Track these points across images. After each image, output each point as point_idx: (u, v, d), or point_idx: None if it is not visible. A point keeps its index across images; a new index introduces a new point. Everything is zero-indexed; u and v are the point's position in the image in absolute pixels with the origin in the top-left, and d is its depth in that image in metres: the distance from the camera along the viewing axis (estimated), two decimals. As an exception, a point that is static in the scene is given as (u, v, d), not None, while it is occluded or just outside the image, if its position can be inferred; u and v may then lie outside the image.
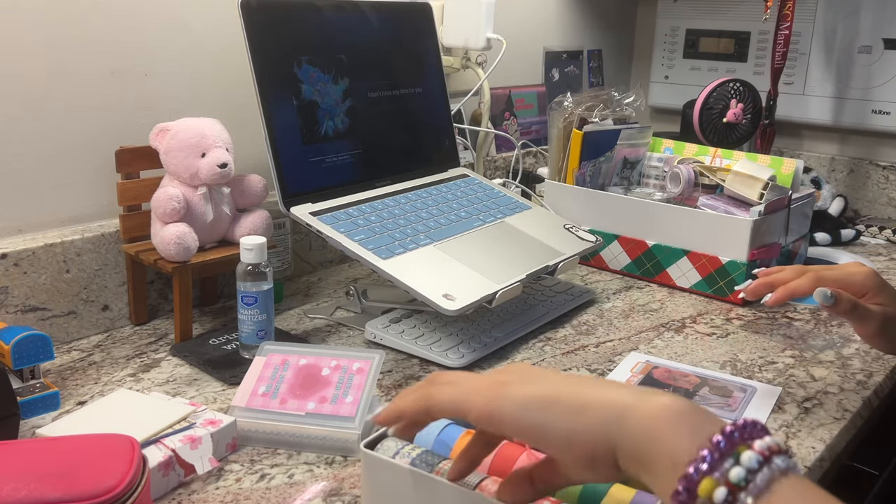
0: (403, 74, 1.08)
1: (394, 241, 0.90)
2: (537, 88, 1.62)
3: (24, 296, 0.86)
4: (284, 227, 1.10)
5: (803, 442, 0.73)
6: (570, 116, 1.19)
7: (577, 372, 0.86)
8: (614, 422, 0.44)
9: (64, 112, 0.89)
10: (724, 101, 1.35)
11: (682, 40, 1.75)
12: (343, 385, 0.71)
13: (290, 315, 1.00)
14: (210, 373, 0.83)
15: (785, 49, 1.38)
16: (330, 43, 0.98)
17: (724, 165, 1.20)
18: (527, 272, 0.92)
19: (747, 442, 0.40)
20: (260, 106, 0.89)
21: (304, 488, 0.65)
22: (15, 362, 0.73)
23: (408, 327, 0.91)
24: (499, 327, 0.93)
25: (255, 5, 0.89)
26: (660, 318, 1.02)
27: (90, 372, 0.83)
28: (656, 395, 0.44)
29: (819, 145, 1.62)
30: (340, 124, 0.98)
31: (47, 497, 0.50)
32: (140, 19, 0.94)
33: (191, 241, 0.87)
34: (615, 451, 0.44)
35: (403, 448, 0.59)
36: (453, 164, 1.15)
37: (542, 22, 1.61)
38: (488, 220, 1.03)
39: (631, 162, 1.27)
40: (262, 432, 0.70)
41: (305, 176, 0.93)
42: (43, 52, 0.86)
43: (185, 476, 0.65)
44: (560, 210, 1.20)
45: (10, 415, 0.67)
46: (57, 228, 0.91)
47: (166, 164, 0.89)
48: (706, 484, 0.39)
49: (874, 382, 0.85)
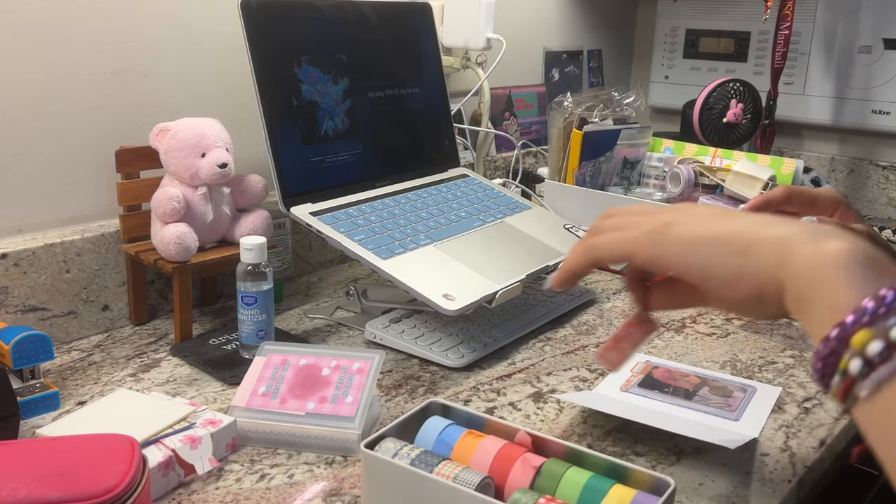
0: (403, 74, 1.08)
1: (394, 241, 0.90)
2: (537, 88, 1.62)
3: (24, 296, 0.86)
4: (284, 227, 1.10)
5: (803, 442, 0.73)
6: (570, 116, 1.19)
7: (577, 372, 0.86)
8: (784, 261, 0.43)
9: (64, 112, 0.89)
10: (724, 101, 1.35)
11: (682, 40, 1.75)
12: (343, 385, 0.71)
13: (290, 315, 1.00)
14: (210, 373, 0.83)
15: (785, 49, 1.38)
16: (330, 43, 0.98)
17: (724, 165, 1.20)
18: (527, 272, 0.92)
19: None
20: (260, 106, 0.89)
21: (304, 488, 0.65)
22: (15, 362, 0.73)
23: (408, 327, 0.91)
24: (499, 327, 0.93)
25: (255, 5, 0.89)
26: (659, 318, 1.01)
27: (90, 372, 0.83)
28: (831, 237, 0.42)
29: (819, 145, 1.62)
30: (340, 124, 0.98)
31: (47, 497, 0.50)
32: (140, 19, 0.94)
33: (191, 241, 0.87)
34: (783, 291, 0.43)
35: (403, 448, 0.59)
36: (453, 164, 1.15)
37: (542, 22, 1.61)
38: (488, 220, 1.03)
39: (631, 162, 1.27)
40: (262, 432, 0.70)
41: (305, 176, 0.93)
42: (43, 52, 0.86)
43: (185, 476, 0.65)
44: (560, 210, 1.20)
45: (10, 415, 0.67)
46: (57, 228, 0.91)
47: (166, 164, 0.89)
48: (861, 335, 0.36)
49: (874, 382, 0.85)
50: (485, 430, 0.63)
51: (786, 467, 0.69)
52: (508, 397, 0.80)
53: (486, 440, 0.60)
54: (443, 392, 0.81)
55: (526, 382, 0.83)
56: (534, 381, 0.84)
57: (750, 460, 0.70)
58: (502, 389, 0.82)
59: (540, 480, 0.57)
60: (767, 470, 0.69)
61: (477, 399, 0.80)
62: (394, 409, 0.77)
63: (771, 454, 0.71)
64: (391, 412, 0.77)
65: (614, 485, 0.56)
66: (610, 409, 0.72)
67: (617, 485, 0.56)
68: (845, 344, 0.37)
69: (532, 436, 0.61)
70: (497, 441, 0.60)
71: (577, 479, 0.56)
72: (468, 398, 0.80)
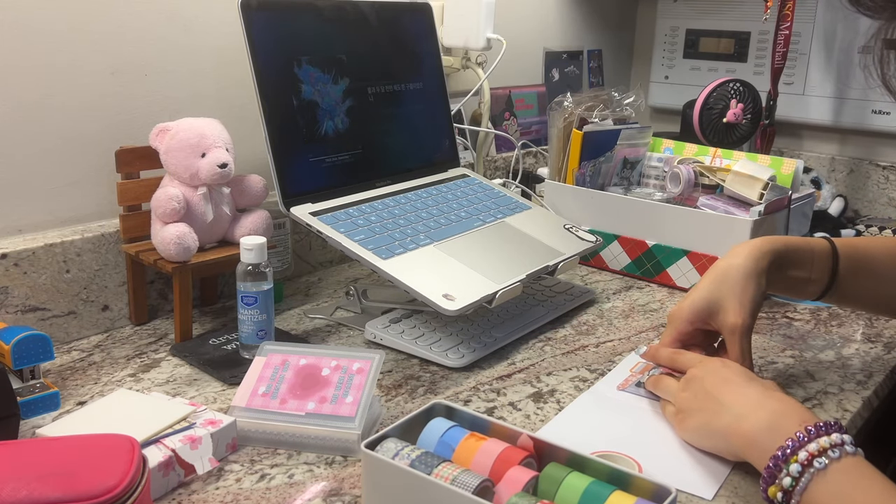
0: (403, 74, 1.08)
1: (394, 241, 0.90)
2: (537, 88, 1.62)
3: (24, 296, 0.86)
4: (284, 227, 1.10)
5: (803, 442, 0.72)
6: (570, 116, 1.19)
7: (577, 372, 0.86)
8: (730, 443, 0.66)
9: (64, 112, 0.89)
10: (724, 101, 1.35)
11: (682, 40, 1.75)
12: (343, 385, 0.71)
13: (290, 315, 1.00)
14: (210, 373, 0.83)
15: (785, 49, 1.38)
16: (330, 43, 0.98)
17: (724, 165, 1.20)
18: (527, 272, 0.92)
19: (796, 453, 0.57)
20: (260, 106, 0.89)
21: (304, 488, 0.65)
22: (15, 362, 0.73)
23: (408, 327, 0.91)
24: (499, 327, 0.93)
25: (255, 5, 0.89)
26: (660, 319, 1.02)
27: (90, 372, 0.83)
28: (735, 416, 0.65)
29: (819, 145, 1.62)
30: (340, 124, 0.98)
31: (47, 497, 0.50)
32: (140, 19, 0.94)
33: (191, 241, 0.87)
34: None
35: (404, 449, 0.59)
36: (453, 164, 1.15)
37: (542, 22, 1.61)
38: (488, 220, 1.02)
39: (631, 162, 1.27)
40: (262, 432, 0.70)
41: (305, 176, 0.93)
42: (43, 52, 0.86)
43: (185, 476, 0.65)
44: (560, 210, 1.20)
45: (10, 415, 0.67)
46: (57, 228, 0.91)
47: (166, 164, 0.89)
48: (771, 491, 0.59)
49: (874, 382, 0.85)
50: (488, 433, 0.63)
51: (786, 467, 0.69)
52: (508, 397, 0.80)
53: (487, 443, 0.60)
54: (443, 392, 0.81)
55: (526, 382, 0.83)
56: (534, 381, 0.84)
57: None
58: (502, 389, 0.82)
59: (540, 485, 0.57)
60: (767, 470, 0.69)
61: (477, 399, 0.80)
62: (394, 409, 0.77)
63: (771, 454, 0.71)
64: (391, 412, 0.77)
65: (615, 491, 0.55)
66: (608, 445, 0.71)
67: (617, 491, 0.56)
68: (770, 500, 0.60)
69: (534, 440, 0.61)
70: (499, 444, 0.60)
71: (577, 485, 0.56)
72: (468, 398, 0.80)
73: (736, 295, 0.73)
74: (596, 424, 0.75)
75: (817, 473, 0.56)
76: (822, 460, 0.56)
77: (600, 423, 0.75)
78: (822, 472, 0.56)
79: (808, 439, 0.57)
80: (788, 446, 0.58)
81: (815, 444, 0.57)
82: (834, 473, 0.56)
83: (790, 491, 0.57)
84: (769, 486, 0.59)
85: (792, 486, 0.57)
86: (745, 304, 0.73)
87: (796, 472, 0.57)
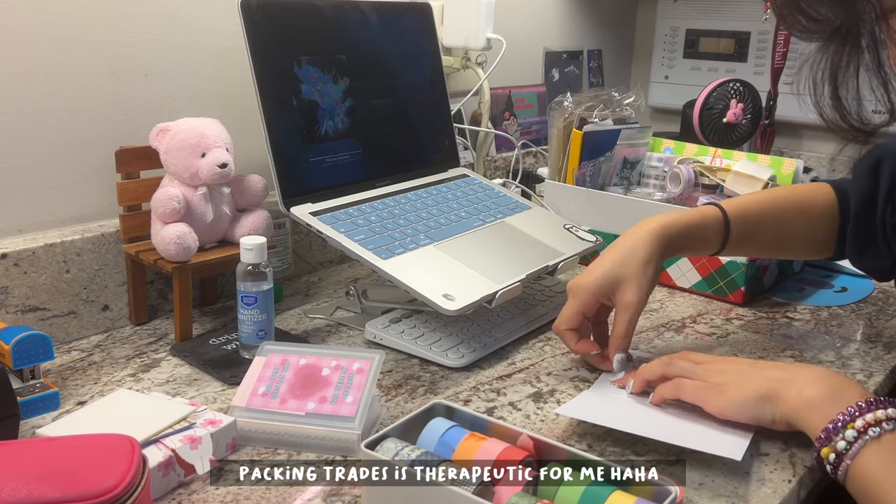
0: (403, 74, 1.08)
1: (394, 241, 0.90)
2: (537, 88, 1.62)
3: (24, 296, 0.86)
4: (284, 227, 1.10)
5: (803, 442, 0.72)
6: (570, 116, 1.19)
7: (577, 372, 0.86)
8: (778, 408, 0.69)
9: (64, 112, 0.89)
10: (724, 101, 1.35)
11: (682, 40, 1.75)
12: (343, 385, 0.71)
13: (290, 315, 1.00)
14: (210, 373, 0.83)
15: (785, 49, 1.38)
16: (330, 43, 0.98)
17: (724, 165, 1.20)
18: (527, 272, 0.92)
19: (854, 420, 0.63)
20: (260, 106, 0.89)
21: (304, 488, 0.65)
22: (15, 362, 0.73)
23: (408, 327, 0.91)
24: (499, 327, 0.93)
25: (255, 5, 0.89)
26: (660, 318, 1.02)
27: (90, 372, 0.83)
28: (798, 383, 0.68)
29: (819, 145, 1.62)
30: (340, 124, 0.98)
31: (47, 497, 0.50)
32: (140, 19, 0.94)
33: (191, 241, 0.87)
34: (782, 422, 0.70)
35: (404, 449, 0.59)
36: (453, 164, 1.15)
37: (542, 22, 1.61)
38: (488, 220, 1.02)
39: (631, 162, 1.27)
40: (262, 432, 0.70)
41: (305, 176, 0.93)
42: (43, 52, 0.86)
43: (185, 476, 0.65)
44: (560, 210, 1.20)
45: (10, 415, 0.67)
46: (57, 228, 0.91)
47: (166, 164, 0.89)
48: (825, 451, 0.64)
49: (874, 382, 0.85)
50: (488, 433, 0.63)
51: (786, 467, 0.69)
52: (508, 397, 0.80)
53: (487, 443, 0.60)
54: (443, 392, 0.81)
55: (526, 382, 0.83)
56: (534, 381, 0.84)
57: (750, 460, 0.70)
58: (502, 389, 0.82)
59: (540, 485, 0.57)
60: (767, 470, 0.69)
61: (477, 399, 0.80)
62: (394, 409, 0.77)
63: (771, 454, 0.71)
64: (391, 412, 0.77)
65: (614, 491, 0.55)
66: (610, 423, 0.71)
67: (617, 491, 0.56)
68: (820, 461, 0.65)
69: (534, 439, 0.61)
70: (499, 444, 0.60)
71: (577, 485, 0.56)
72: (468, 398, 0.80)
73: (637, 276, 0.81)
74: (611, 406, 0.77)
75: (871, 441, 0.61)
76: (877, 429, 0.61)
77: (615, 405, 0.77)
78: (876, 439, 0.61)
79: (867, 409, 0.63)
80: (848, 413, 0.63)
81: (871, 414, 0.62)
82: (886, 443, 0.61)
83: (843, 454, 0.62)
84: (823, 447, 0.63)
85: (846, 449, 0.62)
86: (642, 286, 0.81)
87: (851, 437, 0.62)
